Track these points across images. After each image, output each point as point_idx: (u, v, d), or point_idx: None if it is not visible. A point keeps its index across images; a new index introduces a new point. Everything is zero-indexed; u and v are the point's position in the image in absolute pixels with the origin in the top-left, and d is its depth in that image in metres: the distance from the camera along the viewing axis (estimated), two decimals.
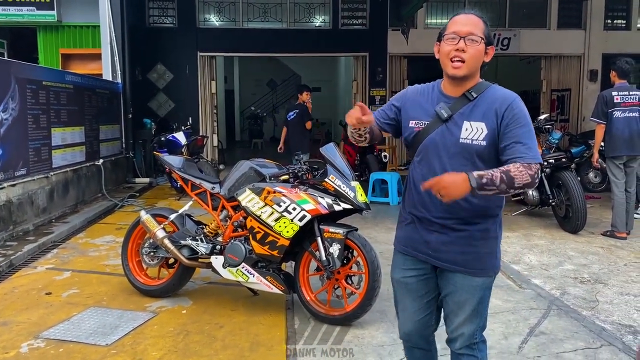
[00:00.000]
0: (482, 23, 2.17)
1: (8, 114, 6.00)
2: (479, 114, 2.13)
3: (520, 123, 2.08)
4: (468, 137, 2.12)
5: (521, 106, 2.12)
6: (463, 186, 1.95)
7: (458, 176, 1.96)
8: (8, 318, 3.94)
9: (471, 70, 2.15)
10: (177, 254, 4.12)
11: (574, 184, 6.44)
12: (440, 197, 1.97)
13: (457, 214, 2.17)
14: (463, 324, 2.27)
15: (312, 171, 4.06)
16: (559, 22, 12.93)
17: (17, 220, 6.08)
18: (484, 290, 2.25)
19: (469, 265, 2.20)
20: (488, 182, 1.96)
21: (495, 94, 2.15)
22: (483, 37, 2.14)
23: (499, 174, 1.97)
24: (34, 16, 11.07)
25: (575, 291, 4.52)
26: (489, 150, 2.11)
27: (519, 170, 1.99)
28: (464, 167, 2.07)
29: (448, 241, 2.21)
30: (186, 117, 11.64)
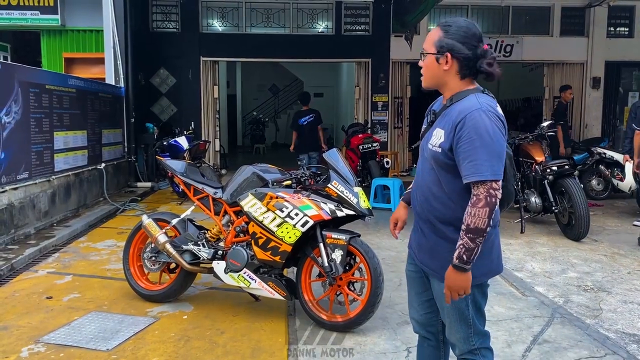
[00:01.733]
0: (436, 33, 2.18)
1: (11, 118, 6.01)
2: (444, 121, 2.18)
3: (469, 138, 2.03)
4: (432, 143, 2.20)
5: (477, 119, 2.04)
6: (456, 276, 2.07)
7: (449, 275, 2.09)
8: (8, 322, 3.92)
9: (429, 82, 2.24)
10: (179, 259, 4.11)
11: (576, 191, 6.42)
12: (462, 295, 2.11)
13: (425, 216, 2.26)
14: (450, 332, 2.31)
15: (314, 177, 4.05)
16: (562, 29, 12.94)
17: (18, 224, 6.07)
18: (459, 301, 2.19)
19: (438, 271, 2.23)
20: (463, 252, 2.04)
21: (460, 105, 2.13)
22: (431, 49, 2.17)
23: (463, 236, 2.04)
24: (37, 20, 11.10)
25: (578, 299, 4.49)
26: (443, 158, 2.14)
27: (470, 214, 2.03)
28: (429, 171, 2.23)
29: (422, 243, 2.31)
30: (188, 121, 11.66)
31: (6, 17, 11.01)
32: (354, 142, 10.08)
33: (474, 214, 2.02)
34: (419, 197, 2.29)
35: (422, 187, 2.27)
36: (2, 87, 5.81)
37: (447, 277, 2.09)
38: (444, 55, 2.14)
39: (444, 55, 2.14)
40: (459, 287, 2.08)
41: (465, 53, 2.12)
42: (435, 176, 2.20)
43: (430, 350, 2.51)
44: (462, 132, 2.05)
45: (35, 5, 11.03)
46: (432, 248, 2.25)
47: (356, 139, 10.09)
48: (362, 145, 9.83)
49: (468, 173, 2.04)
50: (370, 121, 12.53)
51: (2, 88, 5.83)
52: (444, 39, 2.14)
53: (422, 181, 2.28)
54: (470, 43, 2.13)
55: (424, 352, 2.54)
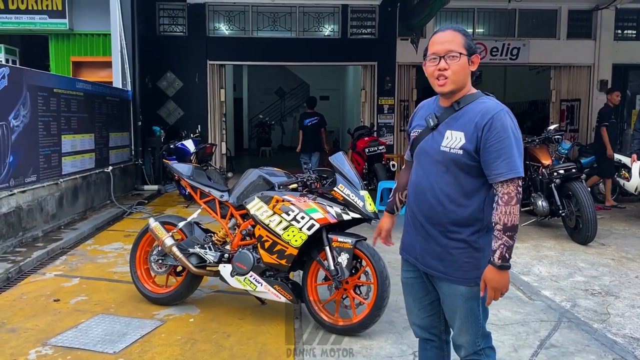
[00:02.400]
0: (460, 36, 2.21)
1: (19, 121, 6.05)
2: (460, 123, 2.19)
3: (500, 137, 2.10)
4: (447, 145, 2.20)
5: (503, 119, 2.12)
6: (500, 275, 2.10)
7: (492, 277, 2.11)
8: (16, 324, 3.94)
9: (457, 85, 2.22)
10: (185, 262, 4.12)
11: (584, 195, 6.39)
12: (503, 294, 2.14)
13: (436, 220, 2.25)
14: (459, 334, 2.31)
15: (321, 180, 4.06)
16: (569, 32, 12.89)
17: (26, 227, 6.11)
18: (470, 300, 2.24)
19: (449, 273, 2.24)
20: (505, 251, 2.09)
21: (479, 107, 2.18)
22: (462, 50, 2.19)
23: (501, 236, 2.08)
24: (46, 24, 11.18)
25: (586, 303, 4.47)
26: (465, 160, 2.17)
27: (505, 213, 2.08)
28: (442, 174, 2.21)
29: (429, 246, 2.29)
30: (195, 125, 11.68)
31: (15, 21, 11.09)
32: (360, 145, 10.08)
33: (509, 212, 2.08)
34: (427, 202, 2.27)
35: (432, 191, 2.25)
36: (10, 91, 5.85)
37: (491, 279, 2.11)
38: (472, 57, 2.21)
39: (472, 56, 2.21)
40: (503, 286, 2.13)
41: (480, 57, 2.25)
42: (452, 179, 2.20)
43: (434, 352, 2.51)
44: (490, 132, 2.11)
45: (44, 10, 11.11)
46: (443, 251, 2.24)
47: (362, 142, 10.09)
48: (368, 149, 9.83)
49: (503, 171, 2.09)
50: (376, 124, 12.52)
51: (11, 92, 5.88)
52: (470, 42, 2.22)
53: (430, 186, 2.26)
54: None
55: (427, 354, 2.54)
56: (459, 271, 2.21)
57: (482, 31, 13.05)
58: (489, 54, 12.59)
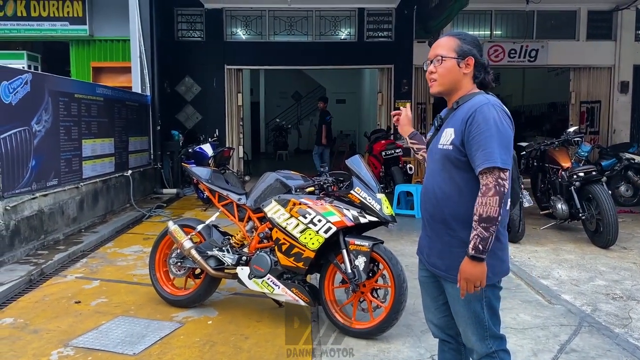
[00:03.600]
0: (454, 40, 2.29)
1: (41, 126, 6.16)
2: (453, 120, 2.26)
3: (480, 129, 2.13)
4: (442, 142, 2.27)
5: (485, 112, 2.14)
6: (472, 266, 2.10)
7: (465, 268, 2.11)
8: (39, 326, 4.01)
9: (444, 87, 2.31)
10: (204, 265, 4.15)
11: (604, 198, 6.30)
12: (477, 288, 2.13)
13: (438, 217, 2.29)
14: (465, 335, 2.32)
15: (337, 183, 4.06)
16: (589, 33, 12.73)
17: (48, 230, 6.22)
18: (472, 302, 2.23)
19: (450, 272, 2.25)
20: (479, 242, 2.07)
21: (468, 104, 2.23)
22: (450, 54, 2.27)
23: (476, 226, 2.08)
24: (67, 31, 11.39)
25: (607, 308, 4.41)
26: (455, 155, 2.21)
27: (481, 204, 2.08)
28: (440, 172, 2.28)
29: (433, 245, 2.33)
30: (213, 129, 11.79)
31: (37, 28, 11.33)
32: (377, 149, 10.07)
33: (485, 203, 2.07)
34: (430, 201, 2.33)
35: (433, 189, 2.32)
36: (33, 96, 5.97)
37: (463, 270, 2.12)
38: (465, 60, 2.26)
39: (465, 59, 2.26)
40: (475, 278, 2.11)
41: (479, 59, 2.28)
42: (447, 175, 2.25)
43: (451, 354, 2.51)
44: (472, 125, 2.14)
45: (65, 17, 11.33)
46: (444, 249, 2.28)
47: (379, 145, 10.08)
48: (384, 152, 9.82)
49: (480, 162, 2.10)
50: (392, 127, 12.49)
51: (33, 97, 5.99)
52: (464, 45, 2.27)
53: (432, 184, 2.33)
54: (480, 52, 2.31)
55: (445, 356, 2.54)
56: (456, 269, 2.19)
57: (500, 33, 12.96)
58: (507, 56, 12.50)
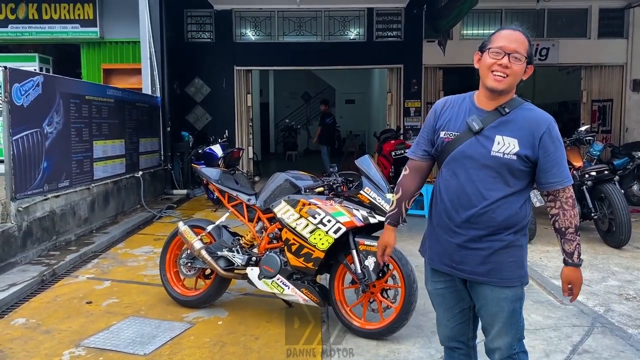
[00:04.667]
0: (527, 42, 2.21)
1: (53, 128, 6.21)
2: (512, 129, 2.18)
3: (556, 147, 2.18)
4: (500, 151, 2.17)
5: (557, 129, 2.21)
6: (579, 273, 2.27)
7: (577, 275, 2.27)
8: (51, 326, 4.04)
9: (511, 86, 2.20)
10: (214, 265, 4.16)
11: (617, 197, 6.24)
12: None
13: (482, 223, 2.21)
14: (498, 337, 2.28)
15: (347, 183, 4.05)
16: (600, 31, 12.61)
17: (60, 231, 6.27)
18: (513, 302, 2.24)
19: (491, 276, 2.22)
20: (580, 249, 2.26)
21: (531, 114, 2.20)
22: (526, 55, 2.18)
23: (575, 237, 2.23)
24: (78, 33, 11.48)
25: (620, 308, 4.36)
26: (518, 166, 2.17)
27: (573, 216, 2.21)
28: (491, 179, 2.18)
29: (469, 252, 2.24)
30: (223, 130, 11.82)
31: (48, 30, 11.43)
32: (386, 149, 10.04)
33: (575, 214, 2.22)
34: (472, 206, 2.20)
35: (477, 194, 2.19)
36: (44, 98, 6.02)
37: (571, 277, 2.25)
38: (528, 66, 2.22)
39: (528, 66, 2.22)
40: (581, 281, 2.29)
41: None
42: (502, 183, 2.18)
43: (459, 354, 2.49)
44: (549, 142, 2.16)
45: (76, 19, 11.42)
46: (487, 254, 2.21)
47: (388, 145, 10.04)
48: (394, 152, 9.78)
49: (561, 179, 2.19)
50: (402, 127, 12.46)
51: (45, 99, 6.04)
52: (531, 51, 2.23)
53: (476, 189, 2.20)
54: None
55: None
56: (504, 271, 2.20)
57: None
58: None
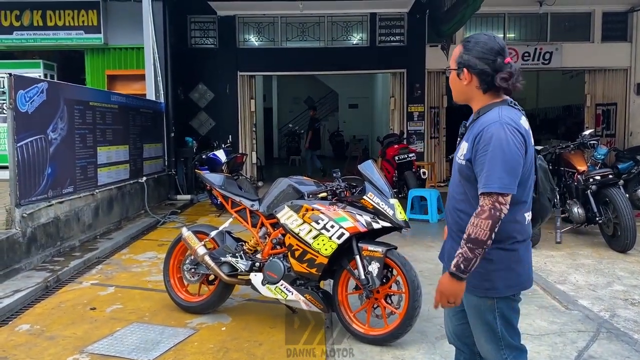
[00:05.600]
0: (459, 48, 2.25)
1: (57, 134, 6.24)
2: (468, 135, 2.25)
3: (485, 150, 2.08)
4: (458, 156, 2.27)
5: (492, 131, 2.08)
6: (450, 283, 2.09)
7: (443, 281, 2.12)
8: (55, 332, 4.05)
9: (457, 97, 2.32)
10: (217, 271, 4.16)
11: (622, 201, 6.21)
12: (451, 304, 2.14)
13: (454, 227, 2.29)
14: (480, 344, 2.30)
15: (350, 188, 4.05)
16: (603, 35, 12.59)
17: (64, 237, 6.28)
18: (483, 313, 2.22)
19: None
20: (461, 261, 2.05)
21: (482, 119, 2.19)
22: (453, 65, 2.25)
23: (463, 245, 2.06)
24: (82, 39, 11.56)
25: (625, 313, 4.33)
26: (466, 170, 2.20)
27: (472, 224, 2.05)
28: (456, 183, 2.30)
29: (451, 253, 2.27)
30: (226, 135, 11.84)
31: (53, 37, 11.51)
32: (390, 153, 10.04)
33: (476, 224, 2.05)
34: (448, 210, 2.36)
35: (451, 199, 2.35)
36: (49, 105, 6.04)
37: (441, 282, 2.13)
38: (462, 71, 2.22)
39: (462, 70, 2.22)
40: (450, 294, 2.11)
41: (480, 68, 2.17)
42: (462, 188, 2.26)
43: (464, 357, 2.48)
44: (479, 145, 2.12)
45: (80, 25, 11.49)
46: None
47: (392, 149, 10.05)
48: (398, 156, 9.78)
49: (481, 184, 2.09)
50: (406, 131, 12.46)
51: (49, 106, 6.07)
52: (463, 55, 2.23)
53: (451, 194, 2.36)
54: (487, 58, 2.17)
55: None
56: (470, 279, 2.15)
57: (514, 36, 12.88)
58: (520, 59, 12.40)
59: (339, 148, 22.27)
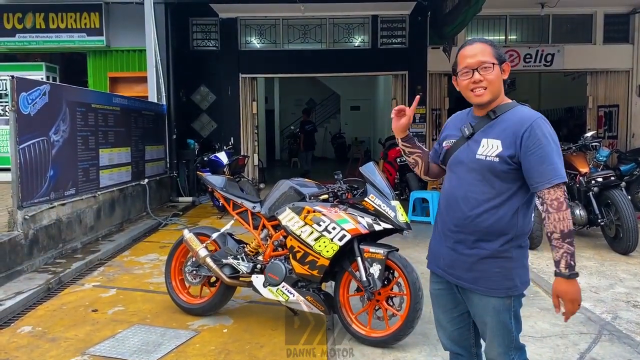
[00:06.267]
0: (489, 47, 2.23)
1: (59, 136, 6.25)
2: (496, 131, 2.20)
3: (540, 144, 2.09)
4: (483, 154, 2.20)
5: (542, 126, 2.12)
6: (571, 285, 2.04)
7: (567, 288, 2.05)
8: (57, 334, 4.05)
9: (494, 94, 2.23)
10: (219, 273, 4.17)
11: (624, 203, 6.20)
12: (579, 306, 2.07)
13: (469, 229, 2.22)
14: (490, 346, 2.27)
15: (351, 190, 4.05)
16: (605, 36, 12.58)
17: (66, 239, 6.29)
18: (500, 313, 2.20)
19: (477, 284, 2.21)
20: (570, 259, 2.05)
21: (517, 115, 2.18)
22: (494, 60, 2.20)
23: (562, 244, 2.05)
24: (84, 42, 11.57)
25: (628, 315, 4.33)
26: (501, 167, 2.15)
27: (560, 220, 2.04)
28: (476, 182, 2.20)
29: (458, 257, 2.26)
30: (228, 137, 11.85)
31: (55, 39, 11.53)
32: (392, 155, 10.04)
33: (563, 218, 2.05)
34: (460, 210, 2.23)
35: (465, 199, 2.22)
36: (51, 107, 6.06)
37: (565, 291, 2.05)
38: (502, 65, 2.23)
39: (502, 65, 2.23)
40: (577, 295, 2.05)
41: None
42: (486, 186, 2.18)
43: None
44: (530, 140, 2.09)
45: (82, 28, 11.51)
46: (473, 261, 2.21)
47: (394, 151, 10.04)
48: (399, 158, 9.78)
49: (549, 177, 2.06)
50: None
51: (51, 108, 6.08)
52: (498, 51, 2.23)
53: (464, 193, 2.23)
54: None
55: None
56: (489, 281, 2.17)
57: (515, 38, 12.87)
58: (522, 61, 12.41)
59: (341, 150, 22.30)
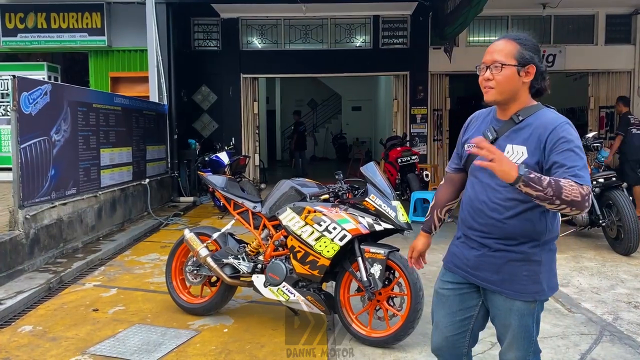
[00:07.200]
0: (514, 45, 2.14)
1: (60, 136, 6.26)
2: (522, 138, 2.13)
3: (565, 147, 2.01)
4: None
5: (568, 129, 2.05)
6: (512, 168, 1.89)
7: (511, 162, 1.93)
8: (57, 333, 4.05)
9: (503, 95, 2.15)
10: (220, 273, 4.16)
11: (625, 204, 6.20)
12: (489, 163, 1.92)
13: (496, 234, 2.17)
14: (509, 349, 2.24)
15: (352, 190, 4.05)
16: (607, 37, 12.58)
17: (67, 238, 6.29)
18: (524, 317, 2.17)
19: (504, 286, 2.17)
20: (535, 178, 1.88)
21: (543, 119, 2.11)
22: (510, 61, 2.12)
23: (548, 178, 1.91)
24: (86, 42, 11.59)
25: (629, 316, 4.32)
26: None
27: (570, 184, 1.91)
28: (502, 189, 2.13)
29: (484, 259, 2.21)
30: (229, 137, 11.86)
31: (57, 39, 11.54)
32: (393, 155, 10.04)
33: (571, 187, 1.89)
34: (485, 216, 2.18)
35: (490, 205, 2.17)
36: (52, 106, 6.06)
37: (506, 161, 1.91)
38: (526, 68, 2.13)
39: (526, 67, 2.13)
40: (502, 165, 1.90)
41: (541, 66, 2.15)
42: (512, 193, 2.09)
43: None
44: (556, 144, 2.03)
45: (84, 28, 11.53)
46: (501, 264, 2.17)
47: (395, 152, 10.04)
48: (400, 159, 9.78)
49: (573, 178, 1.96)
50: (409, 134, 12.46)
51: (53, 108, 6.08)
52: (524, 52, 2.13)
53: (488, 199, 2.18)
54: (540, 57, 2.17)
55: None
56: (517, 284, 2.13)
57: None
58: None
59: (342, 150, 22.31)
